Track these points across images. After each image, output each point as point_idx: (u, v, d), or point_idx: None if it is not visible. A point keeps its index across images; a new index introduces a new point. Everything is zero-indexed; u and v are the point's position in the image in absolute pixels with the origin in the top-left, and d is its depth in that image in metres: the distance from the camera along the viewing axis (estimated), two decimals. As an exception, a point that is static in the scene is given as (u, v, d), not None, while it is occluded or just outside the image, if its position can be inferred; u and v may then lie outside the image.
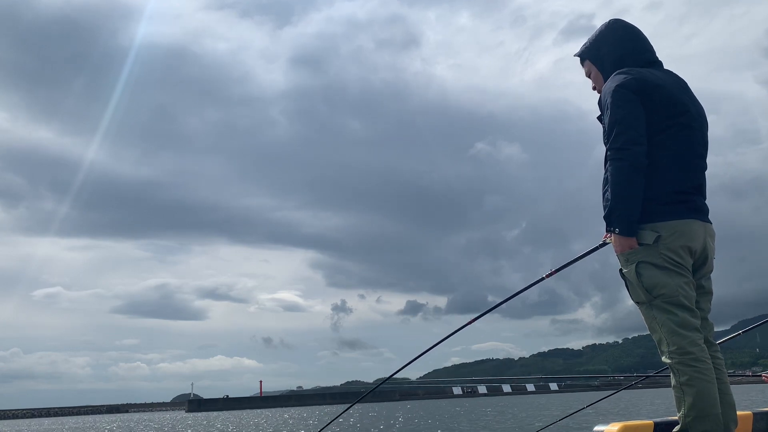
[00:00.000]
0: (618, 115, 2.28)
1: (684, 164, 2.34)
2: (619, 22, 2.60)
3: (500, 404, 38.79)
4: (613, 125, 2.29)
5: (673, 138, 2.33)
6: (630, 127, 2.26)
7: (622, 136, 2.26)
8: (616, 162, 2.26)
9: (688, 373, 2.20)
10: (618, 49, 2.52)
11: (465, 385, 78.74)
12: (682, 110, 2.38)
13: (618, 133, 2.27)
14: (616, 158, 2.26)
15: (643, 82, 2.34)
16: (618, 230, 2.26)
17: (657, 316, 2.29)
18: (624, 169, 2.24)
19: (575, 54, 2.70)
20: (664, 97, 2.35)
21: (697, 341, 2.25)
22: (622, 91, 2.31)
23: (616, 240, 2.29)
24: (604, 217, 2.31)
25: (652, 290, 2.28)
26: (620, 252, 2.30)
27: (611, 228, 2.28)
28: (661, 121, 2.33)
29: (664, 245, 2.26)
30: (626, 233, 2.26)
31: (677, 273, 2.28)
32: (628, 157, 2.24)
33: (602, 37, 2.58)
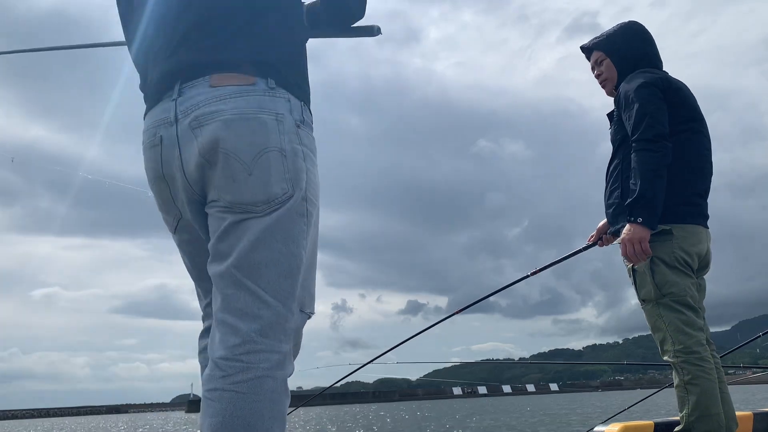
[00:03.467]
0: (649, 108, 2.28)
1: (697, 168, 2.37)
2: (636, 24, 2.59)
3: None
4: (643, 117, 2.27)
5: (687, 142, 2.36)
6: (660, 122, 2.27)
7: (653, 129, 2.25)
8: (647, 153, 2.24)
9: (693, 372, 2.21)
10: (637, 49, 2.52)
11: (465, 385, 78.77)
12: (696, 116, 2.42)
13: (649, 125, 2.26)
14: (647, 149, 2.24)
15: (668, 83, 2.39)
16: (641, 220, 2.21)
17: (664, 314, 2.28)
18: (655, 161, 2.22)
19: (585, 45, 2.65)
20: (683, 101, 2.39)
21: (702, 341, 2.27)
22: (652, 88, 2.33)
23: (634, 229, 2.22)
24: (626, 205, 2.25)
25: (662, 288, 2.28)
26: (629, 240, 2.23)
27: (633, 217, 2.22)
28: (679, 123, 2.35)
29: (677, 245, 2.28)
30: (649, 224, 2.21)
31: (685, 274, 2.30)
32: (659, 149, 2.23)
33: (620, 34, 2.56)
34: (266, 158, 1.20)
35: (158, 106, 1.30)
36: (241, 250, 1.20)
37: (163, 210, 1.38)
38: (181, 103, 1.25)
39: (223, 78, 1.24)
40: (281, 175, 1.21)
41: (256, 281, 1.19)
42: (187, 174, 1.25)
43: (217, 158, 1.20)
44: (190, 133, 1.22)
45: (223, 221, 1.22)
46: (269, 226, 1.20)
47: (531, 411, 25.12)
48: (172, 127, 1.25)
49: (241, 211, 1.20)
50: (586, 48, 2.65)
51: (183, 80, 1.27)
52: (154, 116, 1.30)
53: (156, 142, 1.28)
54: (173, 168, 1.26)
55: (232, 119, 1.20)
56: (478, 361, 51.59)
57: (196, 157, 1.22)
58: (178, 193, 1.30)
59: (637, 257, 2.26)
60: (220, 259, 1.22)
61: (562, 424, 15.22)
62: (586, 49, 2.65)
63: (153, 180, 1.33)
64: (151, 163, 1.31)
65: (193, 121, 1.22)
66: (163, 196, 1.34)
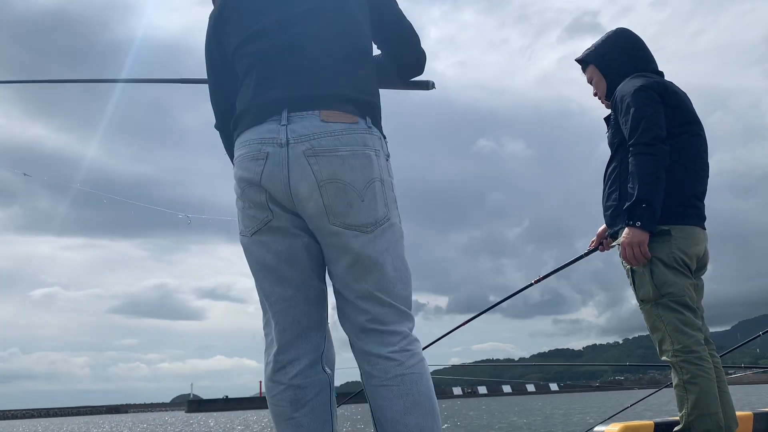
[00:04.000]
0: (645, 112, 2.29)
1: (695, 171, 2.38)
2: (625, 31, 2.61)
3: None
4: (640, 121, 2.28)
5: (685, 144, 2.37)
6: (656, 126, 2.27)
7: (649, 132, 2.26)
8: (644, 156, 2.25)
9: (692, 372, 2.21)
10: (625, 57, 2.53)
11: (465, 385, 78.83)
12: (694, 119, 2.43)
13: (645, 128, 2.26)
14: (644, 152, 2.25)
15: (664, 87, 2.39)
16: (640, 223, 2.22)
17: (663, 314, 2.29)
18: (653, 164, 2.23)
19: (577, 58, 2.70)
20: (679, 104, 2.40)
21: (701, 341, 2.28)
22: (648, 92, 2.33)
23: (633, 233, 2.24)
24: (625, 209, 2.27)
25: (661, 288, 2.29)
26: (628, 244, 2.25)
27: (632, 221, 2.24)
28: (676, 126, 2.36)
29: (676, 246, 2.29)
30: (648, 228, 2.23)
31: (684, 275, 2.31)
32: (657, 153, 2.24)
33: (608, 44, 2.58)
34: (372, 187, 1.46)
35: (262, 126, 1.48)
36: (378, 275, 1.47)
37: (252, 213, 1.51)
38: (292, 130, 1.44)
39: (332, 114, 1.46)
40: (382, 201, 1.48)
41: (396, 298, 1.49)
42: (293, 193, 1.44)
43: (334, 188, 1.43)
44: (304, 160, 1.43)
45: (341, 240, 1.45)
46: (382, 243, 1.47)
47: (539, 410, 25.11)
48: (282, 149, 1.44)
49: (357, 230, 1.44)
50: (579, 60, 2.68)
51: (291, 109, 1.46)
52: (258, 134, 1.48)
53: (260, 156, 1.46)
54: (276, 183, 1.45)
55: (346, 155, 1.43)
56: (476, 363, 50.80)
57: (312, 183, 1.42)
58: (273, 199, 1.47)
59: (637, 260, 2.27)
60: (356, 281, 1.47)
61: (570, 424, 15.22)
62: (580, 61, 2.68)
63: (246, 185, 1.50)
64: (250, 172, 1.48)
65: (308, 150, 1.43)
66: (255, 199, 1.49)
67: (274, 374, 1.52)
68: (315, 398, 1.51)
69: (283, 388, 1.50)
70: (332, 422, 1.53)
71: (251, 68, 1.56)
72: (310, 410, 1.50)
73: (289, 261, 1.51)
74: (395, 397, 1.41)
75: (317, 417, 1.50)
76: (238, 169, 1.51)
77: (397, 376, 1.42)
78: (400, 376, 1.42)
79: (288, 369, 1.51)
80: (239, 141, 1.54)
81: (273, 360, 1.53)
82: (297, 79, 1.51)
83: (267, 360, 1.55)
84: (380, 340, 1.46)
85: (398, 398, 1.41)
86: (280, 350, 1.52)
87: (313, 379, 1.52)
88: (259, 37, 1.56)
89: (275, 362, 1.52)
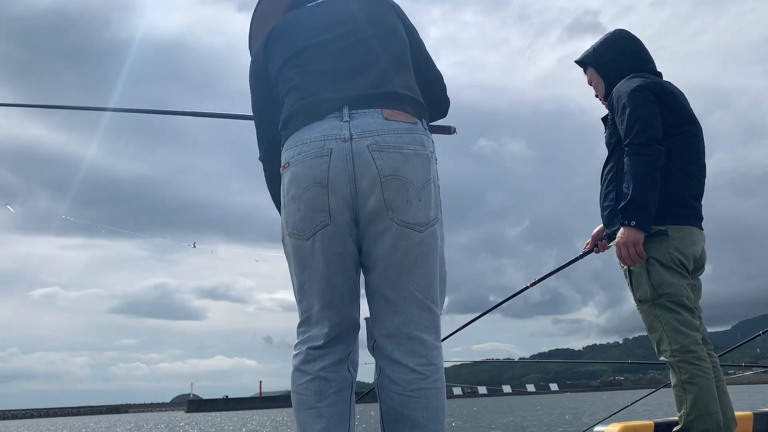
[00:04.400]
0: (641, 112, 2.29)
1: (692, 171, 2.38)
2: (623, 32, 2.62)
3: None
4: (635, 121, 2.28)
5: (682, 145, 2.37)
6: (652, 126, 2.28)
7: (645, 133, 2.26)
8: (639, 157, 2.25)
9: (690, 372, 2.21)
10: (622, 58, 2.54)
11: (465, 385, 78.79)
12: (691, 119, 2.43)
13: (641, 129, 2.27)
14: (639, 153, 2.25)
15: (661, 87, 2.39)
16: (635, 223, 2.23)
17: (660, 314, 2.29)
18: (647, 164, 2.24)
19: (576, 60, 2.71)
20: (676, 105, 2.40)
21: (699, 341, 2.28)
22: (644, 92, 2.34)
23: (628, 233, 2.25)
24: (620, 208, 2.28)
25: (658, 288, 2.29)
26: (623, 244, 2.25)
27: (627, 221, 2.24)
28: (672, 127, 2.36)
29: (673, 246, 2.29)
30: (642, 227, 2.23)
31: (681, 275, 2.31)
32: (651, 153, 2.25)
33: (606, 46, 2.59)
34: (428, 187, 1.50)
35: (322, 122, 1.49)
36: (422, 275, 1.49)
37: (309, 215, 1.50)
38: (355, 126, 1.46)
39: (393, 113, 1.49)
40: (435, 202, 1.51)
41: (433, 300, 1.52)
42: (358, 187, 1.45)
43: (395, 184, 1.45)
44: (368, 154, 1.45)
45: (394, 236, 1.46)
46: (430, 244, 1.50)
47: (541, 409, 25.11)
48: (345, 143, 1.45)
49: (411, 228, 1.47)
50: (579, 62, 2.69)
51: (352, 106, 1.49)
52: (320, 131, 1.48)
53: (324, 153, 1.46)
54: (342, 178, 1.45)
55: (409, 153, 1.47)
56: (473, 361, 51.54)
57: (374, 177, 1.44)
58: (336, 201, 1.46)
59: (632, 260, 2.28)
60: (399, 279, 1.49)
61: (570, 424, 15.22)
62: (579, 63, 2.69)
63: (308, 185, 1.48)
64: (313, 171, 1.47)
65: (373, 145, 1.45)
66: (315, 201, 1.48)
67: (302, 364, 1.55)
68: (338, 393, 1.53)
69: (309, 378, 1.53)
70: (350, 419, 1.55)
71: (303, 74, 1.59)
72: (332, 402, 1.51)
73: (339, 265, 1.52)
74: (416, 409, 1.46)
75: (338, 411, 1.52)
76: (299, 168, 1.49)
77: (420, 389, 1.46)
78: (424, 390, 1.46)
79: (318, 361, 1.54)
80: (292, 139, 1.53)
81: (305, 352, 1.55)
82: (355, 78, 1.54)
83: (298, 351, 1.57)
84: (409, 349, 1.49)
85: (419, 410, 1.46)
86: (316, 345, 1.55)
87: (339, 374, 1.54)
88: (309, 49, 1.61)
89: (307, 354, 1.55)
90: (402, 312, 1.49)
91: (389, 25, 1.66)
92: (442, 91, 1.83)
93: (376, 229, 1.47)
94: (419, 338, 1.49)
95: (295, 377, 1.56)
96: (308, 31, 1.64)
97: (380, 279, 1.51)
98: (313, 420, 1.50)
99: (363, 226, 1.49)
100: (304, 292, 1.57)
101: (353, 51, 1.59)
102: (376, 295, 1.53)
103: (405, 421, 1.46)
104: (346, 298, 1.55)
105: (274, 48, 1.68)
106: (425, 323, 1.50)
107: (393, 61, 1.60)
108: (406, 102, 1.53)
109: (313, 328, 1.56)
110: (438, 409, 1.47)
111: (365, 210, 1.47)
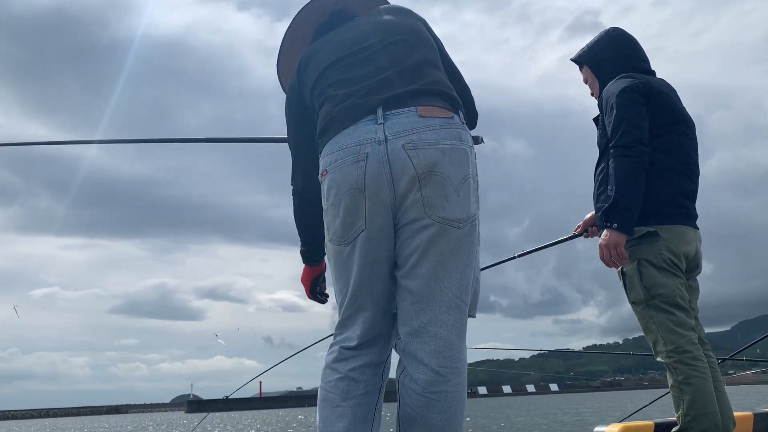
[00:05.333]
0: (626, 114, 2.30)
1: (683, 170, 2.38)
2: (617, 30, 2.62)
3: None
4: (620, 123, 2.29)
5: (673, 144, 2.37)
6: (637, 128, 2.28)
7: (629, 135, 2.27)
8: (622, 159, 2.26)
9: (686, 372, 2.21)
10: (616, 56, 2.54)
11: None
12: (682, 118, 2.43)
13: (625, 131, 2.28)
14: (623, 155, 2.26)
15: (649, 87, 2.39)
16: (617, 225, 2.24)
17: (654, 315, 2.30)
18: (630, 167, 2.24)
19: (571, 59, 2.72)
20: (666, 104, 2.40)
21: (694, 340, 2.28)
22: (631, 93, 2.34)
23: (610, 235, 2.26)
24: (603, 211, 2.29)
25: (651, 289, 2.29)
26: (605, 246, 2.26)
27: (609, 223, 2.25)
28: (662, 126, 2.36)
29: (665, 246, 2.29)
30: (624, 230, 2.24)
31: (674, 275, 2.31)
32: (635, 155, 2.25)
33: (600, 44, 2.60)
34: (467, 183, 1.47)
35: (357, 126, 1.48)
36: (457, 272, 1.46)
37: (348, 221, 1.50)
38: (390, 127, 1.45)
39: (428, 110, 1.48)
40: (475, 197, 1.50)
41: (465, 300, 1.49)
42: (397, 188, 1.44)
43: (433, 180, 1.42)
44: (404, 153, 1.43)
45: (432, 233, 1.44)
46: (468, 242, 1.48)
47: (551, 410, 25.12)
48: (380, 146, 1.44)
49: (449, 225, 1.44)
50: (574, 60, 2.70)
51: (386, 107, 1.48)
52: (355, 136, 1.47)
53: (361, 158, 1.45)
54: (380, 182, 1.44)
55: (446, 148, 1.44)
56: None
57: (412, 176, 1.42)
58: (373, 206, 1.46)
59: (614, 262, 2.28)
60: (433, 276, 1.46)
61: (570, 424, 15.22)
62: (574, 61, 2.70)
63: (347, 191, 1.47)
64: (351, 177, 1.46)
65: (408, 144, 1.43)
66: (355, 207, 1.47)
67: (333, 362, 1.55)
68: (364, 395, 1.52)
69: (339, 377, 1.53)
70: (373, 424, 1.54)
71: (335, 84, 1.59)
72: (357, 404, 1.51)
73: (375, 271, 1.52)
74: (435, 412, 1.44)
75: (362, 413, 1.51)
76: (336, 175, 1.49)
77: (441, 392, 1.44)
78: (444, 393, 1.44)
79: (350, 361, 1.54)
80: (329, 147, 1.53)
81: (338, 351, 1.56)
82: (387, 79, 1.53)
83: (332, 350, 1.58)
84: (433, 349, 1.46)
85: (437, 413, 1.44)
86: (349, 346, 1.55)
87: (368, 378, 1.54)
88: (340, 60, 1.62)
89: (339, 353, 1.55)
90: (430, 310, 1.47)
91: (418, 31, 1.67)
92: (471, 104, 1.81)
93: (413, 227, 1.46)
94: (445, 338, 1.46)
95: (325, 374, 1.56)
96: (338, 46, 1.66)
97: (411, 275, 1.48)
98: (336, 418, 1.50)
99: (401, 226, 1.48)
100: (342, 296, 1.58)
101: (384, 55, 1.59)
102: (404, 292, 1.51)
103: (421, 422, 1.44)
104: (382, 303, 1.56)
105: (306, 72, 1.69)
106: (453, 323, 1.47)
107: (424, 60, 1.60)
108: (441, 96, 1.52)
109: (348, 329, 1.57)
110: (456, 413, 1.46)
111: (404, 210, 1.46)
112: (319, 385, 1.56)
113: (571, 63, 2.73)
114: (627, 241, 2.26)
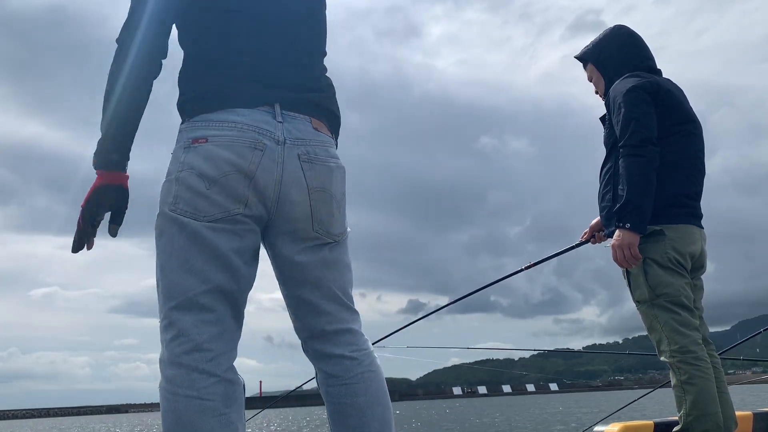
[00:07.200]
0: (635, 113, 2.29)
1: (689, 170, 2.38)
2: (623, 28, 2.61)
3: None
4: (629, 122, 2.29)
5: (680, 143, 2.37)
6: (646, 127, 2.28)
7: (639, 134, 2.26)
8: (633, 158, 2.26)
9: (690, 372, 2.21)
10: (622, 54, 2.53)
11: (464, 385, 78.97)
12: (689, 118, 2.43)
13: (635, 130, 2.27)
14: (633, 155, 2.26)
15: (657, 86, 2.38)
16: (630, 225, 2.23)
17: (659, 315, 2.29)
18: (642, 166, 2.24)
19: (576, 56, 2.71)
20: (673, 104, 2.40)
21: (698, 340, 2.28)
22: (639, 92, 2.33)
23: (623, 235, 2.25)
24: (615, 211, 2.28)
25: (656, 288, 2.29)
26: (618, 246, 2.26)
27: (622, 223, 2.25)
28: (669, 126, 2.36)
29: (670, 245, 2.28)
30: (637, 229, 2.23)
31: (679, 274, 2.30)
32: (646, 154, 2.25)
33: (605, 41, 2.59)
34: (343, 200, 1.56)
35: (253, 112, 1.42)
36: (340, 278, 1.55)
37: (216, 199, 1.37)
38: (288, 130, 1.44)
39: (319, 125, 1.51)
40: (345, 213, 1.57)
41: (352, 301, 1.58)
42: (282, 192, 1.43)
43: (322, 197, 1.47)
44: (298, 163, 1.44)
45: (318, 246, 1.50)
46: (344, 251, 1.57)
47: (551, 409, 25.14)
48: (278, 146, 1.42)
49: (330, 239, 1.52)
50: (578, 58, 2.69)
51: (284, 106, 1.45)
52: (252, 120, 1.41)
53: (259, 147, 1.40)
54: (269, 178, 1.41)
55: (334, 167, 1.50)
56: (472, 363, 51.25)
57: (303, 188, 1.44)
58: (256, 196, 1.41)
59: (628, 262, 2.28)
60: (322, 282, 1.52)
61: (570, 424, 15.23)
62: (579, 58, 2.69)
63: (230, 171, 1.38)
64: (242, 159, 1.38)
65: (304, 155, 1.45)
66: (234, 188, 1.39)
67: (204, 363, 1.33)
68: (241, 397, 1.40)
69: (215, 380, 1.33)
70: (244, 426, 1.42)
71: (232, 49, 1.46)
72: (238, 408, 1.37)
73: (243, 258, 1.43)
74: (358, 394, 1.49)
75: (241, 417, 1.39)
76: (224, 151, 1.37)
77: (358, 374, 1.50)
78: (361, 374, 1.50)
79: (221, 360, 1.36)
80: (215, 116, 1.41)
81: (202, 348, 1.34)
82: (288, 72, 1.49)
83: (185, 349, 1.34)
84: (341, 340, 1.53)
85: (360, 395, 1.49)
86: (213, 340, 1.36)
87: (238, 377, 1.40)
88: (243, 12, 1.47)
89: (206, 351, 1.34)
90: (328, 313, 1.53)
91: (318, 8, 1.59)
92: None
93: (298, 237, 1.48)
94: (347, 329, 1.53)
95: (194, 379, 1.32)
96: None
97: (303, 284, 1.52)
98: (222, 429, 1.31)
99: (281, 233, 1.46)
100: (188, 278, 1.38)
101: (286, 34, 1.50)
102: (298, 301, 1.53)
103: (349, 411, 1.47)
104: (243, 293, 1.45)
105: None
106: (349, 318, 1.55)
107: (320, 58, 1.58)
108: (327, 117, 1.54)
109: (205, 317, 1.38)
110: (378, 393, 1.50)
111: (287, 217, 1.44)
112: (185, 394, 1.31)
113: (574, 62, 2.72)
114: None
